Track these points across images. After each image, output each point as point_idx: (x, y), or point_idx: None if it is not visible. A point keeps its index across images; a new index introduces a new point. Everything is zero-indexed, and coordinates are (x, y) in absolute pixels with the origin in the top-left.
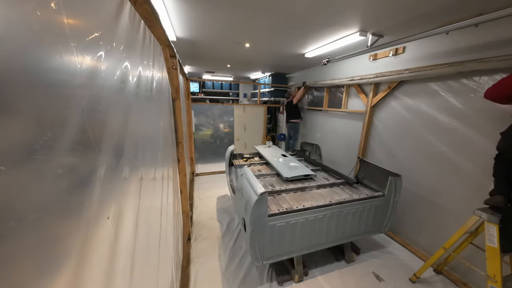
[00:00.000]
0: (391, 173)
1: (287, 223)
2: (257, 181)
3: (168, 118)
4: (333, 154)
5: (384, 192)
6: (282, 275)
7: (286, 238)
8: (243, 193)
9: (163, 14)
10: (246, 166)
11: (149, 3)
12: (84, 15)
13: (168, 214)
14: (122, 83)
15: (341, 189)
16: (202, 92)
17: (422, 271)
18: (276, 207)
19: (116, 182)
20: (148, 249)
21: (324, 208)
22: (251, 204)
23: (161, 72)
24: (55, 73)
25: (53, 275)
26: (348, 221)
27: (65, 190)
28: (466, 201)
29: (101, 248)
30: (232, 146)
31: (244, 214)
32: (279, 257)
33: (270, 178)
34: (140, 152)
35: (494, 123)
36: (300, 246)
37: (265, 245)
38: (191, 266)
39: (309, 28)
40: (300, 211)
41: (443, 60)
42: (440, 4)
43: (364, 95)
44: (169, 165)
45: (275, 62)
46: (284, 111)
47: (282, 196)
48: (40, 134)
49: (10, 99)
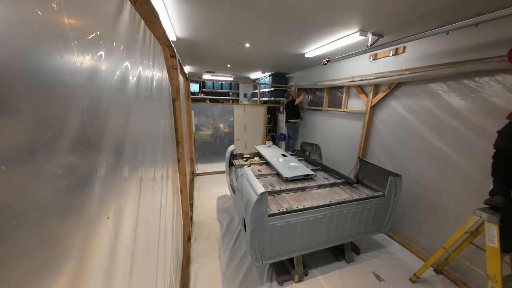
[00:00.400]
0: (391, 173)
1: (287, 223)
2: (257, 181)
3: (168, 118)
4: (333, 154)
5: (384, 192)
6: (282, 275)
7: (286, 238)
8: (243, 193)
9: (163, 14)
10: (246, 166)
11: (149, 3)
12: (84, 15)
13: (168, 214)
14: (122, 83)
15: (341, 189)
16: (202, 92)
17: (422, 271)
18: (276, 207)
19: (116, 182)
20: (148, 249)
21: (324, 208)
22: (251, 204)
23: (161, 72)
24: (55, 73)
25: (53, 275)
26: (348, 221)
27: (65, 190)
28: (466, 201)
29: (101, 248)
30: (232, 146)
31: (244, 214)
32: (279, 257)
33: (270, 178)
34: (140, 152)
35: (494, 123)
36: (300, 246)
37: (265, 245)
38: (191, 266)
39: (309, 28)
40: (300, 211)
41: (443, 60)
42: (440, 4)
43: (364, 95)
44: (169, 165)
45: (275, 62)
46: (284, 111)
47: (282, 196)
48: (40, 134)
49: (10, 99)
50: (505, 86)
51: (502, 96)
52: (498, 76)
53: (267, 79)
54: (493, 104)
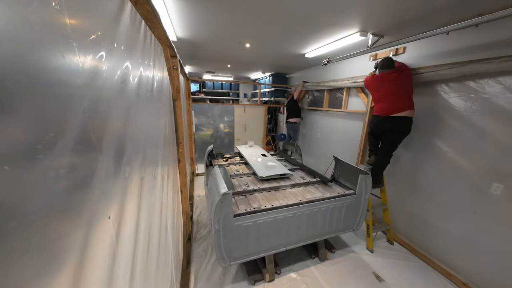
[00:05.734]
0: (361, 171)
1: (254, 223)
2: (222, 181)
3: (168, 118)
4: (333, 154)
5: (356, 190)
6: (253, 275)
7: (254, 238)
8: (210, 193)
9: (164, 14)
10: (217, 166)
11: (150, 3)
12: (85, 15)
13: (168, 214)
14: (123, 83)
15: (315, 188)
16: (202, 92)
17: (370, 244)
18: (244, 206)
19: (117, 182)
20: (148, 249)
21: (294, 207)
22: (215, 204)
23: (161, 72)
24: (57, 73)
25: (54, 275)
26: (319, 219)
27: (67, 190)
28: (467, 201)
29: (102, 248)
30: (211, 146)
31: (211, 214)
32: (247, 257)
33: (246, 177)
34: (141, 152)
35: (494, 123)
36: (269, 246)
37: (232, 245)
38: (191, 266)
39: (310, 28)
40: (267, 210)
41: (444, 60)
42: (440, 4)
43: (365, 95)
44: (170, 165)
45: (275, 62)
46: (285, 111)
47: (254, 195)
48: (42, 134)
49: (12, 99)
50: (505, 86)
51: (502, 96)
52: (499, 78)
53: (267, 79)
54: (493, 103)
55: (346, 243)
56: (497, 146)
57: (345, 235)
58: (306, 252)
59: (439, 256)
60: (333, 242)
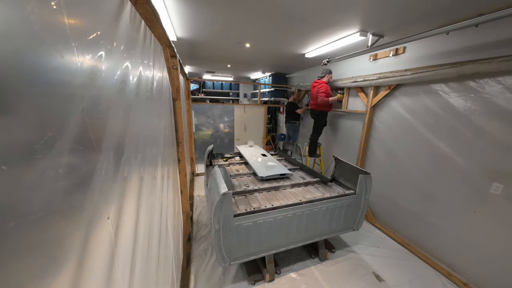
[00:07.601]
0: (361, 171)
1: (254, 223)
2: (222, 181)
3: (168, 118)
4: (333, 154)
5: (356, 190)
6: (253, 274)
7: (254, 238)
8: (210, 193)
9: (164, 14)
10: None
11: (149, 3)
12: (85, 15)
13: (168, 214)
14: (123, 83)
15: (315, 188)
16: (202, 92)
17: None
18: (245, 206)
19: (116, 182)
20: (148, 249)
21: (294, 206)
22: (215, 204)
23: (161, 72)
24: (56, 73)
25: (53, 275)
26: (318, 219)
27: (66, 190)
28: (466, 201)
29: (101, 248)
30: (211, 146)
31: (212, 214)
32: (247, 257)
33: (246, 177)
34: (141, 152)
35: (494, 123)
36: (269, 245)
37: (232, 245)
38: (191, 266)
39: (310, 28)
40: (267, 210)
41: (444, 60)
42: (440, 4)
43: (365, 95)
44: (170, 165)
45: (275, 62)
46: (284, 111)
47: (254, 195)
48: (41, 134)
49: (11, 99)
50: (505, 86)
51: (502, 96)
52: (499, 77)
53: (267, 79)
54: (493, 103)
55: (346, 243)
56: (497, 146)
57: (345, 235)
58: (306, 252)
59: (439, 256)
60: (333, 242)
